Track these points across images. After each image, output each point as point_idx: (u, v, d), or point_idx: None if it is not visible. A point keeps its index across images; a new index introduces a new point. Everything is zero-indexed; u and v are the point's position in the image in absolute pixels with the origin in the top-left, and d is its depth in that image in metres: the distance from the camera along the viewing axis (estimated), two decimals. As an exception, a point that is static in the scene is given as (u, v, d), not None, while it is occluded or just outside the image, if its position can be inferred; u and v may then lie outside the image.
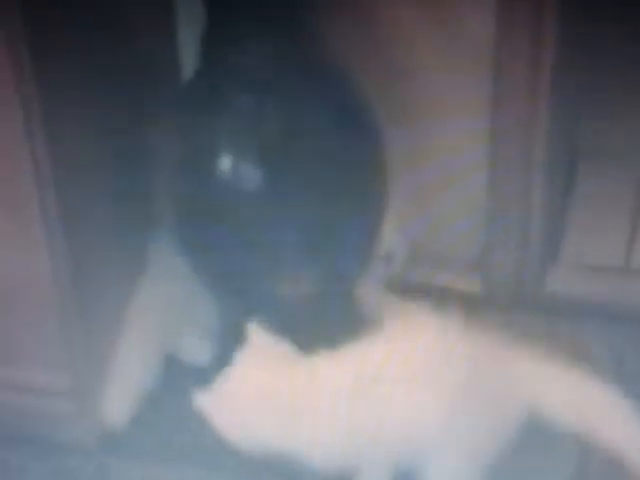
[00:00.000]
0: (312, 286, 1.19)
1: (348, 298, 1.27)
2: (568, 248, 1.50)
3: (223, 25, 1.10)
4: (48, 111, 1.04)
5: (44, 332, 1.18)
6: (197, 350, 1.27)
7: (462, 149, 1.33)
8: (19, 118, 1.02)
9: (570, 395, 1.11)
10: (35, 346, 1.20)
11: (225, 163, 1.11)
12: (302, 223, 1.13)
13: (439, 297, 1.34)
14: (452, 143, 1.32)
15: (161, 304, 1.29)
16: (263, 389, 1.09)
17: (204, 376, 1.09)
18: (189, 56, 1.26)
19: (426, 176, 1.34)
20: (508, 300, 1.39)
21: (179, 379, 1.29)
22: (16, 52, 0.99)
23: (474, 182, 1.34)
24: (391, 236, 1.31)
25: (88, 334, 1.20)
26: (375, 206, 1.20)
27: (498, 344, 1.14)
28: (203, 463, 1.26)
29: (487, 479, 1.10)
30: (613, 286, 1.40)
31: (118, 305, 1.27)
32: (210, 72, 1.14)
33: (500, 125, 1.28)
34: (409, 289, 1.35)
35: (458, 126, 1.30)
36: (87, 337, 1.20)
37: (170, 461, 1.28)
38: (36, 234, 1.09)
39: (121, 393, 1.25)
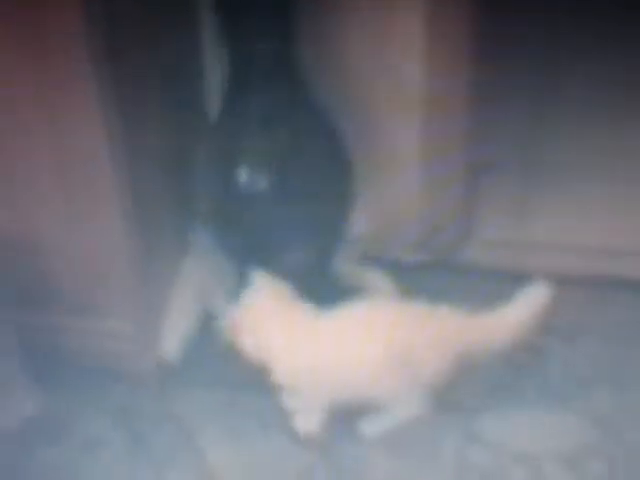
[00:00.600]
0: (307, 257, 1.68)
1: (329, 267, 1.77)
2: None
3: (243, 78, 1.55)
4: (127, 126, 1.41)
5: (115, 289, 1.56)
6: (224, 307, 1.61)
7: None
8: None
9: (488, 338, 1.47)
10: (106, 299, 1.57)
11: (242, 175, 1.57)
12: (299, 217, 1.60)
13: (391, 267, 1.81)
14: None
15: (199, 274, 1.75)
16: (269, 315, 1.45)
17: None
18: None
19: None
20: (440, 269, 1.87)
21: (213, 327, 1.61)
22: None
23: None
24: (358, 223, 1.78)
25: (148, 292, 1.60)
26: (347, 203, 1.69)
27: (434, 306, 1.46)
28: (246, 388, 1.56)
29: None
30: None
31: (170, 273, 1.71)
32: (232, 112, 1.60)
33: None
34: (369, 261, 1.82)
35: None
36: (147, 294, 1.60)
37: (217, 387, 1.61)
38: (114, 217, 1.46)
39: (173, 336, 1.68)
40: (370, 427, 1.52)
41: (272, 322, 1.45)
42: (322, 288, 1.65)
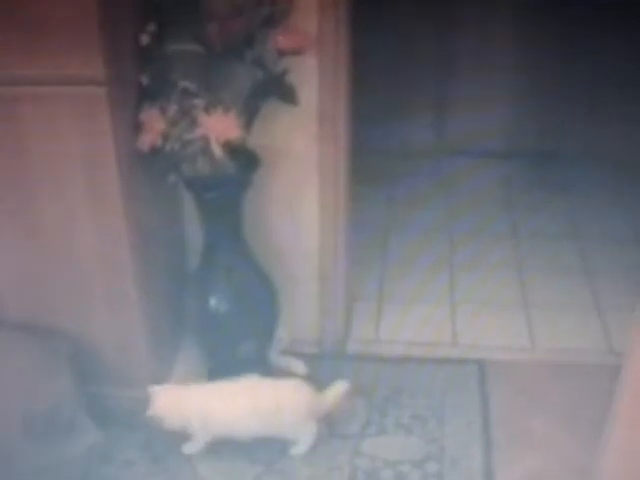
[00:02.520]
0: (252, 349, 2.71)
1: (266, 356, 2.80)
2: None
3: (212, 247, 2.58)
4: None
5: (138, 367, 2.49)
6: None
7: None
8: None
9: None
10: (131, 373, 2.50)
11: (212, 302, 2.60)
12: (248, 325, 2.63)
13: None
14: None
15: (187, 360, 2.73)
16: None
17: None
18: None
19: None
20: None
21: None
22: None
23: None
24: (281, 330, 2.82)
25: (158, 370, 2.55)
26: (275, 317, 2.74)
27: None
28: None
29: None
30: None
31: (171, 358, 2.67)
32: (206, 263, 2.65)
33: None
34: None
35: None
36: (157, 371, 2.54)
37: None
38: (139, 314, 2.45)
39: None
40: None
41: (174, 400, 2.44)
42: (260, 369, 2.66)
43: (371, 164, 3.81)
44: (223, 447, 2.47)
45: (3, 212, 2.33)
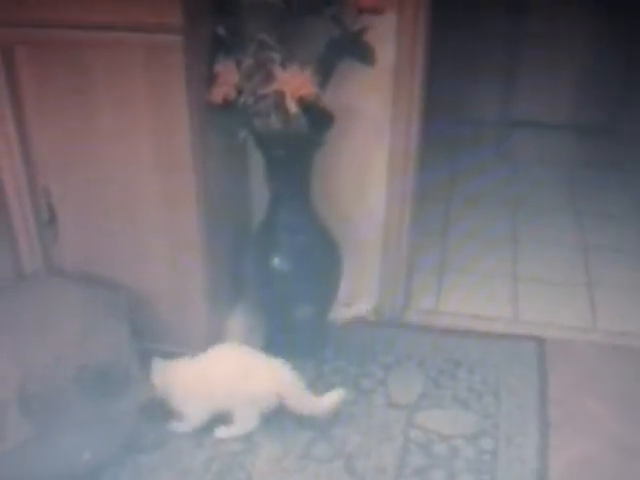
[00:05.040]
0: (311, 313, 2.69)
1: (322, 321, 2.78)
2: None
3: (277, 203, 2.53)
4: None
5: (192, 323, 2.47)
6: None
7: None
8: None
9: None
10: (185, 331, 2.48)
11: (275, 261, 2.55)
12: (309, 287, 2.61)
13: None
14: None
15: (242, 320, 2.69)
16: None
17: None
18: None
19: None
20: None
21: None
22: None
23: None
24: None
25: (212, 327, 2.51)
26: (337, 280, 2.71)
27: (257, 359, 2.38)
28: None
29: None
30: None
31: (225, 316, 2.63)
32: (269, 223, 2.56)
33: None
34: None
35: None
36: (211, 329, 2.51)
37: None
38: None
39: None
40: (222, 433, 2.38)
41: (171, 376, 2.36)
42: (319, 334, 2.68)
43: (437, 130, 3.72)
44: (275, 413, 2.43)
45: (69, 161, 2.32)
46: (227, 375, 2.35)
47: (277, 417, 2.42)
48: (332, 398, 2.39)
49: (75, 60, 2.15)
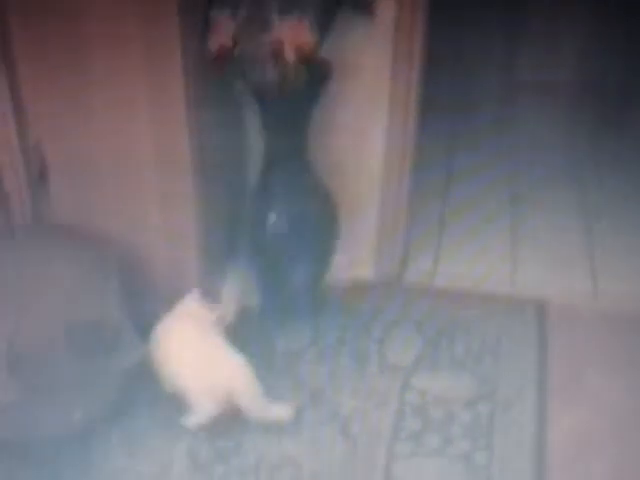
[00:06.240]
0: (308, 274, 2.62)
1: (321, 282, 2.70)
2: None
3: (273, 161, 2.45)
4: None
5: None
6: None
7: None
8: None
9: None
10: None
11: (271, 219, 2.49)
12: (305, 248, 2.54)
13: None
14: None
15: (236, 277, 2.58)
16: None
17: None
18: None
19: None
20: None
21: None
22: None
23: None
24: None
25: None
26: (333, 241, 2.66)
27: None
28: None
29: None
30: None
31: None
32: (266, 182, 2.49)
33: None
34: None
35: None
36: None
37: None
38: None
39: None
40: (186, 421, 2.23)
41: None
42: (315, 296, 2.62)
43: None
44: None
45: (62, 116, 2.27)
46: (185, 356, 2.28)
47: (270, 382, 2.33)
48: (284, 410, 2.25)
49: (69, 12, 2.11)
